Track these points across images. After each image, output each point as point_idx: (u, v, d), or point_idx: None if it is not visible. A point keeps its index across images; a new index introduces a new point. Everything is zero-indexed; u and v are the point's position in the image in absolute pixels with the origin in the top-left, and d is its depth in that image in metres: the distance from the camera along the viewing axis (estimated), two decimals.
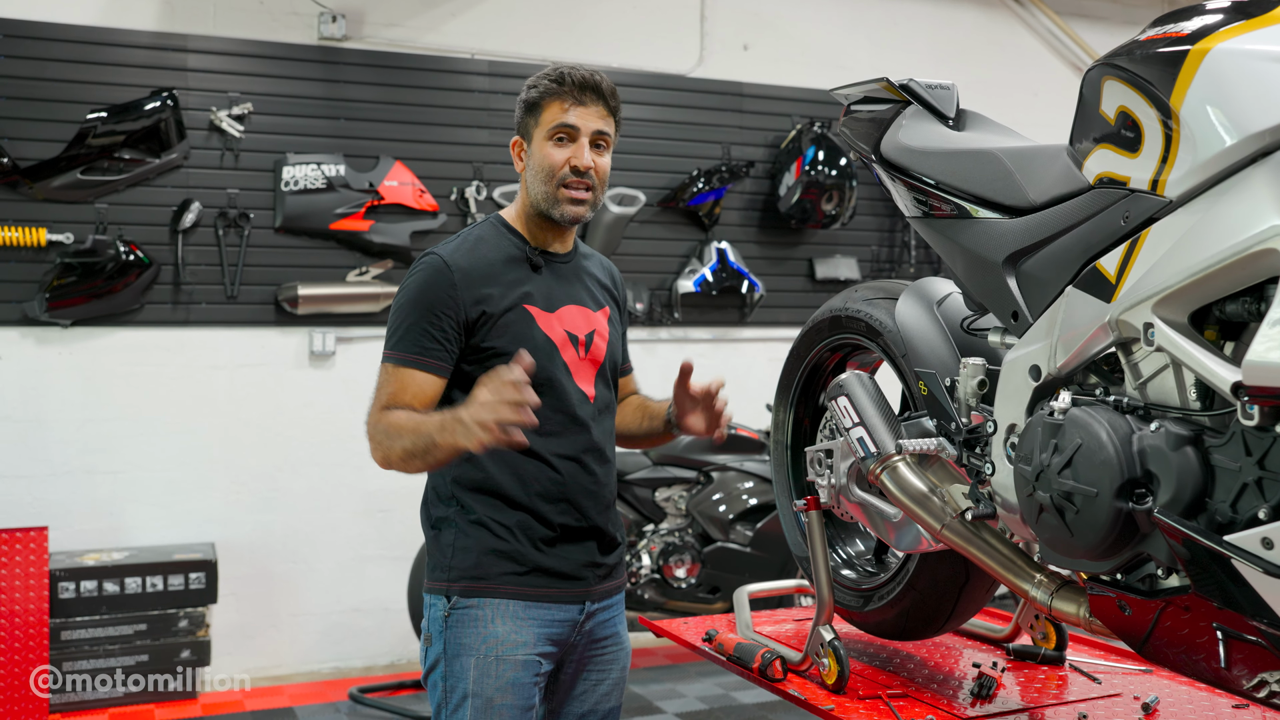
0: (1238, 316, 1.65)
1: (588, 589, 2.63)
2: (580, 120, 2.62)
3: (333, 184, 6.23)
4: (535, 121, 2.65)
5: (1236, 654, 1.68)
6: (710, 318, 7.27)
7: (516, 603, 2.54)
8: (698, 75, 7.28)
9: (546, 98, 2.63)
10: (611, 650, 2.72)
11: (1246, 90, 1.61)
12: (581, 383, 2.66)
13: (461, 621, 2.53)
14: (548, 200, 2.63)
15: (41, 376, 5.85)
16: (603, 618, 2.68)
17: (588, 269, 2.81)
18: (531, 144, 2.66)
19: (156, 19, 6.09)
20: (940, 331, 2.50)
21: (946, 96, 2.59)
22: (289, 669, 6.26)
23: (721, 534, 6.04)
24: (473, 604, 2.53)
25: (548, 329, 2.62)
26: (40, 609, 5.34)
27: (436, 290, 2.54)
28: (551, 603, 2.57)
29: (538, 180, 2.64)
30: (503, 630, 2.52)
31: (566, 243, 2.76)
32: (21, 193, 5.73)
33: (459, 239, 2.67)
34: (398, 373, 2.52)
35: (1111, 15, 8.50)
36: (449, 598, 2.56)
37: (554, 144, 2.62)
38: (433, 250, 2.62)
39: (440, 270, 2.55)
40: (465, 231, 2.71)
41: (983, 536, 2.28)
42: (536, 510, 2.57)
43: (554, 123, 2.61)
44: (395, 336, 2.55)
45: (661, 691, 5.93)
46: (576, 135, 2.62)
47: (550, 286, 2.67)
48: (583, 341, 2.68)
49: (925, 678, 2.68)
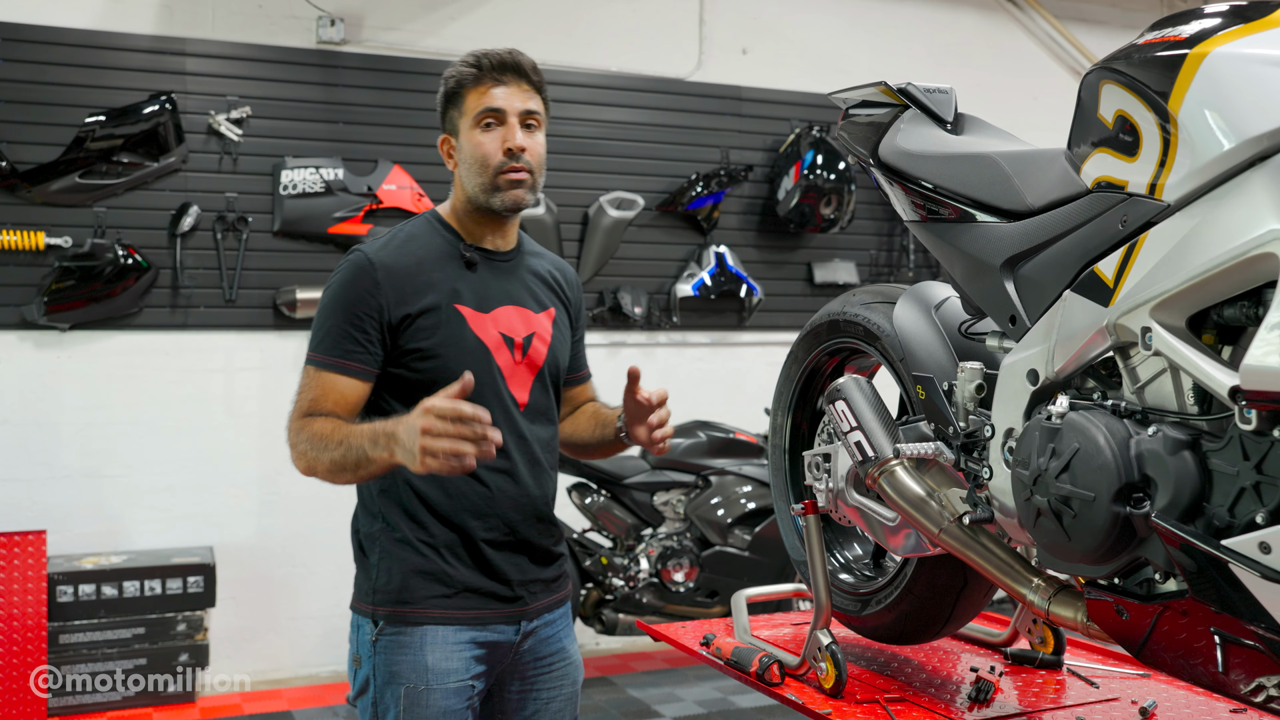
0: (1236, 321, 1.65)
1: (523, 608, 2.53)
2: (505, 101, 2.50)
3: (331, 188, 6.24)
4: (459, 112, 2.54)
5: (1234, 658, 1.67)
6: (709, 322, 7.27)
7: (446, 628, 2.43)
8: (696, 79, 7.28)
9: (466, 84, 2.52)
10: (560, 667, 2.64)
11: (1245, 94, 1.61)
12: (515, 388, 2.54)
13: (390, 648, 2.42)
14: (486, 190, 2.50)
15: (40, 380, 5.85)
16: (544, 634, 2.60)
17: (532, 268, 2.68)
18: (459, 137, 2.55)
19: (155, 22, 6.10)
20: (938, 336, 2.50)
21: (944, 100, 2.59)
22: (288, 672, 6.26)
23: (720, 538, 6.03)
24: (401, 631, 2.42)
25: (480, 331, 2.50)
26: (39, 613, 5.34)
27: (358, 290, 2.42)
28: (483, 625, 2.47)
29: (472, 173, 2.51)
30: (433, 659, 2.40)
31: (508, 239, 2.63)
32: (20, 196, 5.73)
33: (389, 235, 2.55)
34: (319, 376, 2.42)
35: (1111, 19, 8.50)
36: (375, 622, 2.44)
37: (482, 131, 2.50)
38: (359, 248, 2.50)
39: (363, 269, 2.44)
40: (398, 227, 2.59)
41: (980, 541, 2.28)
42: (464, 526, 2.46)
43: (479, 108, 2.50)
44: (317, 338, 2.44)
45: (660, 695, 5.93)
46: (504, 118, 2.50)
47: (485, 285, 2.55)
48: (519, 344, 2.55)
49: (923, 682, 2.68)
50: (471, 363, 2.42)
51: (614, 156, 7.01)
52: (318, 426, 2.35)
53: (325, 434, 2.33)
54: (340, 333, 2.41)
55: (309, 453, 2.34)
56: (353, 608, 2.52)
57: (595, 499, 6.07)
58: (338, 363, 2.41)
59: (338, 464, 2.30)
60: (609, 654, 6.80)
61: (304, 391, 2.43)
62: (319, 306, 2.48)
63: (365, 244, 2.51)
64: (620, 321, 6.98)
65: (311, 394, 2.41)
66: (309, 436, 2.35)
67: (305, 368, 2.45)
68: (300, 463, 2.38)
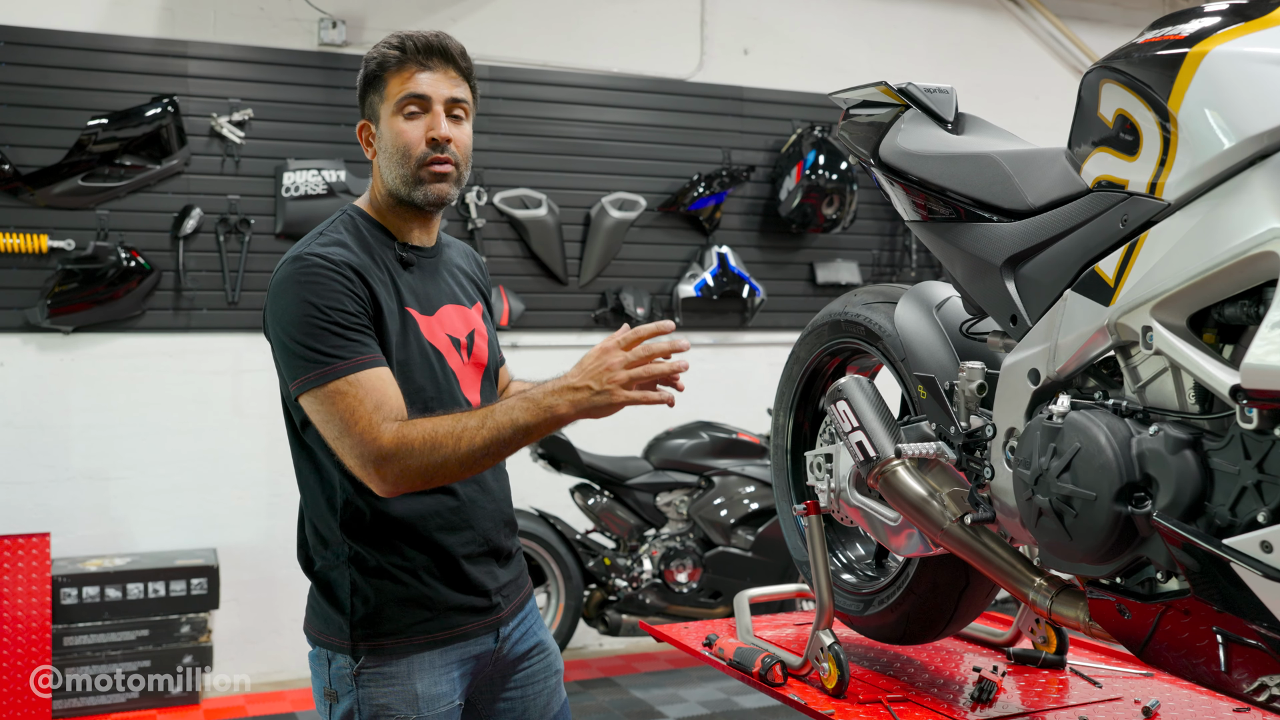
0: (1237, 319, 1.65)
1: (499, 615, 2.42)
2: (431, 88, 2.31)
3: (334, 190, 6.24)
4: (380, 97, 2.34)
5: (1236, 658, 1.67)
6: (711, 322, 7.27)
7: (431, 652, 2.31)
8: (698, 80, 7.28)
9: (388, 68, 2.32)
10: (539, 659, 2.55)
11: (1244, 93, 1.61)
12: (469, 391, 2.40)
13: (375, 680, 2.27)
14: (407, 183, 2.32)
15: (43, 383, 5.86)
16: (519, 634, 2.50)
17: (454, 261, 2.53)
18: (380, 124, 2.35)
19: (157, 25, 6.10)
20: (939, 335, 2.50)
21: (945, 100, 2.58)
22: (291, 674, 6.25)
23: (723, 538, 6.04)
24: (385, 662, 2.27)
25: (430, 335, 2.34)
26: (43, 615, 5.35)
27: (333, 290, 2.19)
28: (466, 639, 2.36)
29: (393, 163, 2.33)
30: (422, 686, 2.28)
31: (431, 234, 2.46)
32: (23, 199, 5.75)
33: (321, 238, 2.31)
34: (358, 382, 2.13)
35: (1112, 18, 8.50)
36: (356, 656, 2.27)
37: (404, 119, 2.31)
38: (303, 254, 2.24)
39: (326, 270, 2.20)
40: (323, 230, 2.35)
41: (982, 540, 2.28)
42: (440, 544, 2.31)
43: (401, 94, 2.30)
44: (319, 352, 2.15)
45: (663, 696, 5.93)
46: (429, 105, 2.31)
47: (424, 286, 2.38)
48: (464, 344, 2.41)
49: (925, 682, 2.68)
50: (429, 369, 2.31)
51: (616, 157, 7.01)
52: (425, 428, 2.11)
53: (446, 429, 2.11)
54: (341, 334, 2.16)
55: (431, 458, 2.09)
56: (317, 641, 2.35)
57: (598, 500, 6.07)
58: (364, 360, 2.17)
59: (483, 448, 2.10)
60: (612, 655, 6.80)
61: (357, 408, 2.12)
62: (290, 326, 2.19)
63: (303, 250, 2.25)
64: (622, 322, 6.97)
65: (370, 402, 2.12)
66: (422, 443, 2.10)
67: (329, 390, 2.14)
68: (417, 479, 2.12)
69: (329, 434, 2.17)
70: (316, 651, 2.35)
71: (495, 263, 6.64)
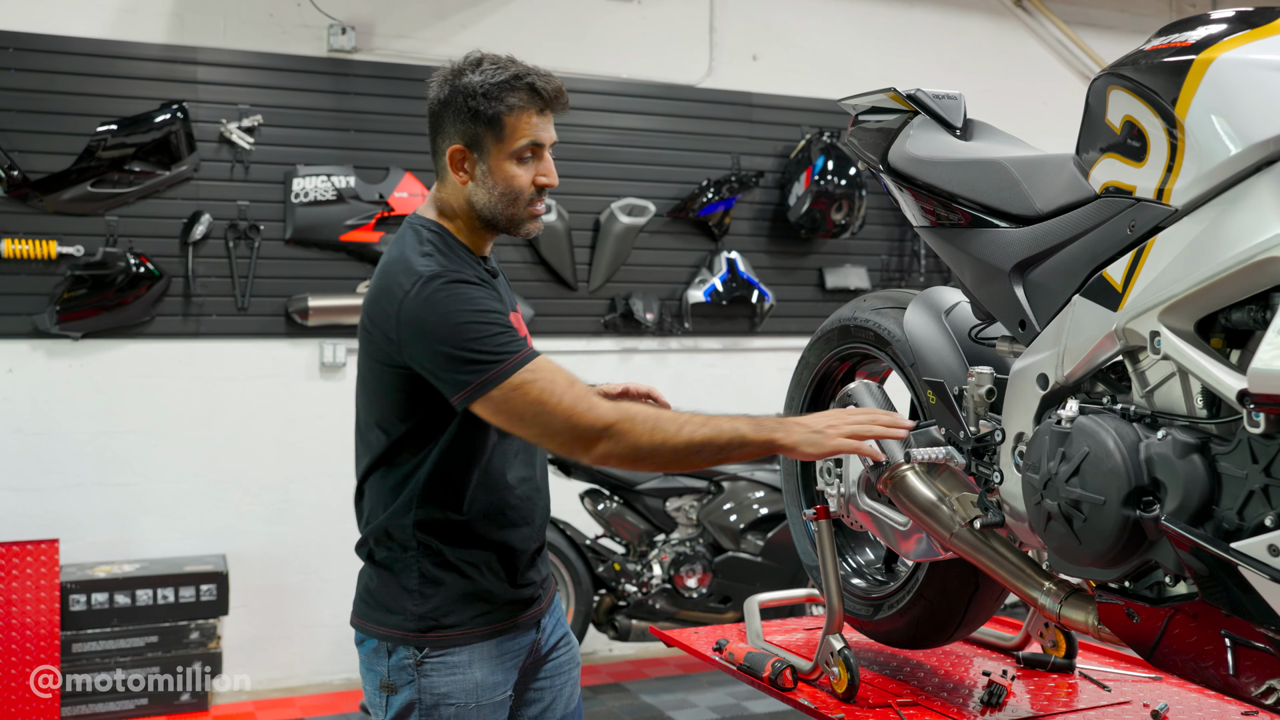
0: (1243, 324, 1.65)
1: (540, 607, 2.53)
2: (547, 134, 2.37)
3: (343, 195, 6.25)
4: (496, 137, 2.32)
5: (1245, 661, 1.68)
6: (720, 327, 7.27)
7: (489, 642, 2.40)
8: (707, 85, 7.29)
9: (515, 111, 2.31)
10: (565, 650, 2.64)
11: (1251, 99, 1.61)
12: None
13: (437, 670, 2.36)
14: (511, 221, 2.39)
15: (52, 389, 5.87)
16: (551, 624, 2.60)
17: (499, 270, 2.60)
18: (488, 160, 2.34)
19: (166, 31, 6.12)
20: (948, 340, 2.51)
21: (953, 106, 2.59)
22: (300, 680, 6.26)
23: (732, 543, 6.03)
24: (448, 652, 2.37)
25: None
26: (51, 621, 5.36)
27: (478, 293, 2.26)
28: (519, 631, 2.47)
29: (500, 202, 2.35)
30: (481, 675, 2.38)
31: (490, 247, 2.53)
32: (32, 205, 5.76)
33: (432, 257, 2.31)
34: (538, 368, 2.20)
35: (1120, 24, 8.50)
36: (419, 647, 2.36)
37: (518, 163, 2.34)
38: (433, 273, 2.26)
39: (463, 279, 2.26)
40: (422, 248, 2.34)
41: (991, 545, 2.28)
42: (507, 542, 2.42)
43: (524, 140, 2.33)
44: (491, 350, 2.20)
45: (673, 701, 5.93)
46: (541, 151, 2.37)
47: (503, 294, 2.44)
48: None
49: (935, 686, 2.68)
50: None
51: (625, 163, 7.02)
52: (648, 409, 2.23)
53: (669, 415, 2.23)
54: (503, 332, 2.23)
55: (650, 438, 2.18)
56: (376, 635, 2.42)
57: (608, 505, 6.07)
58: (530, 349, 2.24)
59: (700, 443, 2.19)
60: (622, 660, 6.80)
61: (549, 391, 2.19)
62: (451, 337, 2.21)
63: (424, 269, 2.26)
64: (632, 328, 6.98)
65: (561, 381, 2.20)
66: (644, 421, 2.20)
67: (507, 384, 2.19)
68: (626, 457, 2.21)
69: (521, 424, 2.22)
70: (374, 645, 2.43)
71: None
